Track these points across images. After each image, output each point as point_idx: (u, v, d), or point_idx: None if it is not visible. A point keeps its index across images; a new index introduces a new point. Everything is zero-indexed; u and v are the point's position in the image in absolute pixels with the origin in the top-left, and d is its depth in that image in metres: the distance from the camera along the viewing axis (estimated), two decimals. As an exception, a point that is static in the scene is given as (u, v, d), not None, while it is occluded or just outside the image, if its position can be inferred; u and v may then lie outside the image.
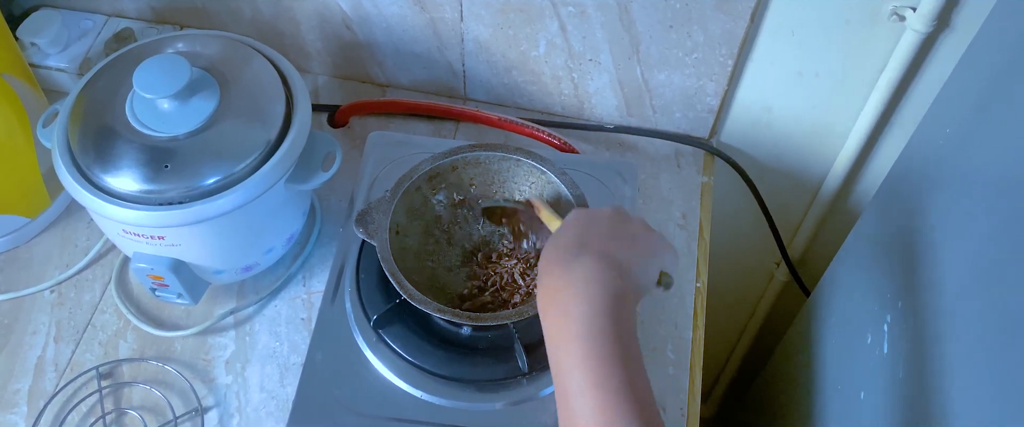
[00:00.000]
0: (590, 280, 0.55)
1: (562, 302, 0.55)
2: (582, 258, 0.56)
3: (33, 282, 0.88)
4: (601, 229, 0.60)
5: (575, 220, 0.62)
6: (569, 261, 0.56)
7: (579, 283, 0.55)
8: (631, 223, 0.62)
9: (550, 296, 0.56)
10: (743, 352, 1.38)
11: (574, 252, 0.57)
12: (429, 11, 0.92)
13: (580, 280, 0.55)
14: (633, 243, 0.59)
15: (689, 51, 0.89)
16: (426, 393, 0.73)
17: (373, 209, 0.76)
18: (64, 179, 0.73)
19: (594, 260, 0.56)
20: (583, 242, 0.58)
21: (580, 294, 0.54)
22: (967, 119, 0.70)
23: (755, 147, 1.03)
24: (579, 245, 0.58)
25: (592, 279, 0.55)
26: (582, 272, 0.55)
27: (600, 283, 0.54)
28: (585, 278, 0.55)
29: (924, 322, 0.68)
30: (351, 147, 0.98)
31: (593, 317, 0.53)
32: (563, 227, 0.62)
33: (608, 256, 0.56)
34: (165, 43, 0.80)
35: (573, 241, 0.59)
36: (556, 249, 0.59)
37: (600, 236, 0.59)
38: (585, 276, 0.55)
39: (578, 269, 0.56)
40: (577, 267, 0.56)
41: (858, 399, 0.80)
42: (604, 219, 0.61)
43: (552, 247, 0.60)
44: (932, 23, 0.81)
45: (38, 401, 0.80)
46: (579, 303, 0.54)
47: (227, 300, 0.86)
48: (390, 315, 0.75)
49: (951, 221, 0.68)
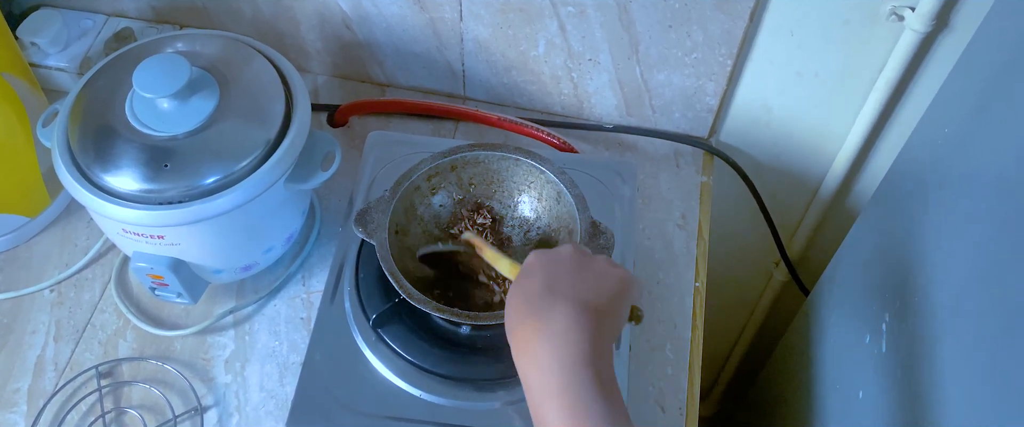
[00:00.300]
0: (565, 328, 0.53)
1: (539, 355, 0.52)
2: (554, 305, 0.54)
3: (33, 281, 0.88)
4: (566, 271, 0.58)
5: (537, 263, 0.59)
6: (541, 312, 0.54)
7: (554, 332, 0.53)
8: (594, 260, 0.59)
9: (524, 348, 0.54)
10: (742, 351, 1.38)
11: (545, 301, 0.55)
12: (429, 11, 0.92)
13: (555, 329, 0.53)
14: (600, 283, 0.57)
15: (688, 51, 0.89)
16: (425, 392, 0.73)
17: (372, 209, 0.76)
18: (64, 178, 0.73)
19: (569, 308, 0.54)
20: (552, 288, 0.56)
21: (557, 346, 0.52)
22: (966, 119, 0.70)
23: (754, 147, 1.03)
24: (548, 292, 0.55)
25: (567, 327, 0.53)
26: (556, 320, 0.53)
27: (575, 331, 0.52)
28: (560, 327, 0.53)
29: (923, 322, 0.68)
30: (351, 147, 0.98)
31: (572, 368, 0.51)
32: (526, 271, 0.59)
33: (581, 301, 0.54)
34: (165, 43, 0.80)
35: (540, 286, 0.56)
36: (524, 299, 0.57)
37: (567, 279, 0.57)
38: (560, 325, 0.53)
39: (551, 317, 0.53)
40: (550, 315, 0.54)
41: (857, 398, 0.80)
42: (566, 260, 0.59)
43: (518, 295, 0.57)
44: (931, 23, 0.81)
45: (38, 400, 0.80)
46: (556, 353, 0.52)
47: (226, 299, 0.86)
48: (389, 314, 0.75)
49: (950, 221, 0.68)
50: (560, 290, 0.55)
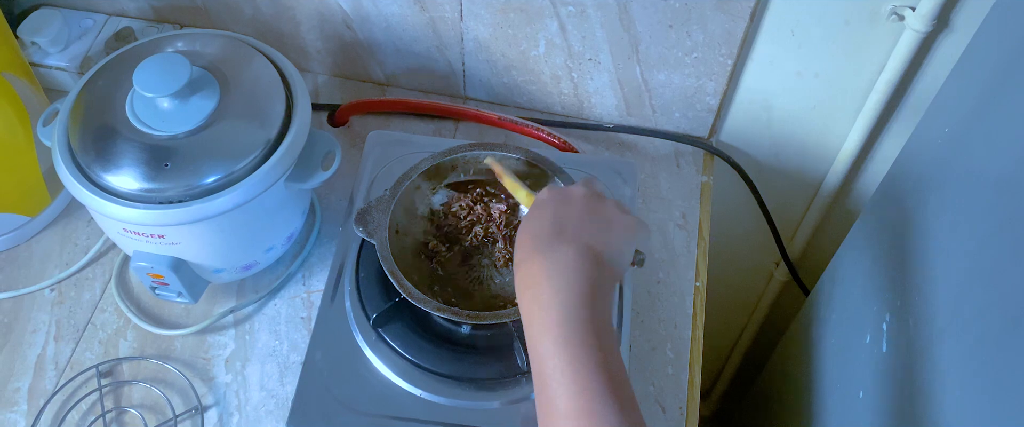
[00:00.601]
0: (568, 270, 0.55)
1: (540, 290, 0.55)
2: (560, 246, 0.56)
3: (33, 281, 0.88)
4: (576, 212, 0.59)
5: (550, 200, 0.61)
6: (546, 249, 0.57)
7: (557, 273, 0.55)
8: (605, 205, 0.61)
9: (527, 283, 0.56)
10: (743, 351, 1.39)
11: (551, 240, 0.57)
12: (429, 10, 0.92)
13: (558, 270, 0.55)
14: (609, 227, 0.59)
15: (688, 51, 0.89)
16: (425, 391, 0.73)
17: (373, 208, 0.76)
18: (64, 178, 0.73)
19: (572, 250, 0.56)
20: (560, 228, 0.58)
21: (558, 284, 0.54)
22: (966, 119, 0.70)
23: (754, 147, 1.03)
24: (556, 231, 0.58)
25: (570, 269, 0.55)
26: (560, 262, 0.55)
27: (578, 272, 0.55)
28: (563, 268, 0.55)
29: (923, 321, 0.68)
30: (351, 146, 0.98)
31: (571, 306, 0.53)
32: (537, 208, 0.62)
33: (585, 244, 0.57)
34: (165, 42, 0.80)
35: (549, 226, 0.58)
36: (532, 235, 0.59)
37: (576, 220, 0.59)
38: (563, 266, 0.55)
39: (556, 258, 0.56)
40: (555, 256, 0.56)
41: (857, 398, 0.80)
42: (578, 200, 0.61)
43: (527, 232, 0.60)
44: (931, 23, 0.81)
45: (38, 399, 0.80)
46: (557, 292, 0.54)
47: (227, 299, 0.86)
48: (389, 314, 0.75)
49: (950, 221, 0.68)
50: (568, 231, 0.58)
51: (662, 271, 0.89)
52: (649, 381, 0.82)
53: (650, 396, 0.81)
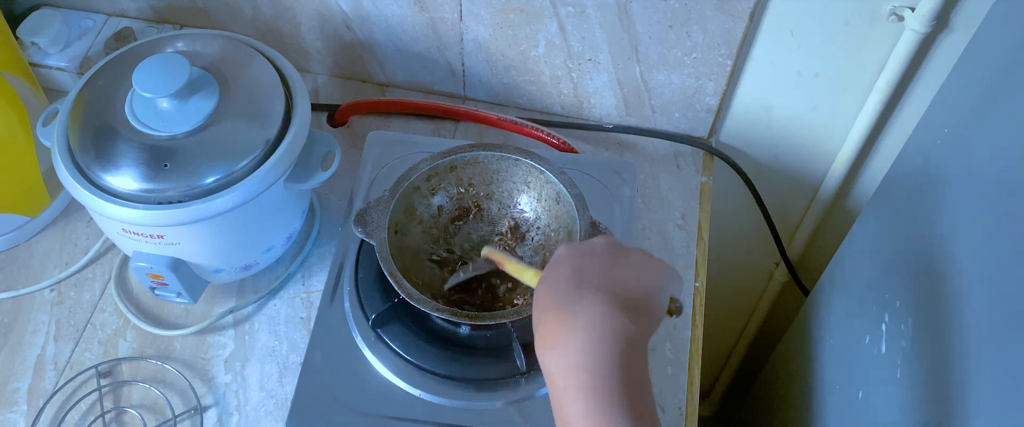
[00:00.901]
0: (595, 324, 0.48)
1: (564, 349, 0.48)
2: (584, 298, 0.49)
3: (33, 281, 0.88)
4: (598, 262, 0.52)
5: (568, 254, 0.54)
6: (569, 304, 0.49)
7: (583, 329, 0.48)
8: (630, 252, 0.54)
9: (548, 343, 0.49)
10: (743, 351, 1.39)
11: (574, 292, 0.50)
12: (429, 11, 0.92)
13: (584, 325, 0.48)
14: (635, 275, 0.52)
15: (688, 51, 0.89)
16: (425, 392, 0.73)
17: (372, 208, 0.76)
18: (64, 178, 0.73)
19: (599, 300, 0.49)
20: (583, 278, 0.51)
21: (585, 341, 0.47)
22: (965, 119, 0.70)
23: (754, 147, 1.03)
24: (579, 283, 0.50)
25: (598, 323, 0.48)
26: (586, 315, 0.48)
27: (608, 327, 0.47)
28: (590, 322, 0.48)
29: (922, 322, 0.68)
30: (351, 146, 0.98)
31: (602, 367, 0.46)
32: (555, 263, 0.54)
33: (614, 293, 0.49)
34: (165, 42, 0.80)
35: (571, 278, 0.51)
36: (552, 290, 0.52)
37: (598, 270, 0.52)
38: (590, 320, 0.48)
39: (581, 312, 0.48)
40: (580, 310, 0.49)
41: (856, 398, 0.80)
42: (599, 251, 0.54)
43: (546, 288, 0.52)
44: (931, 23, 0.81)
45: (38, 399, 0.80)
46: (584, 351, 0.47)
47: (226, 299, 0.86)
48: (389, 314, 0.75)
49: (949, 221, 0.68)
50: (590, 281, 0.50)
51: (662, 271, 0.89)
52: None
53: (649, 396, 0.81)
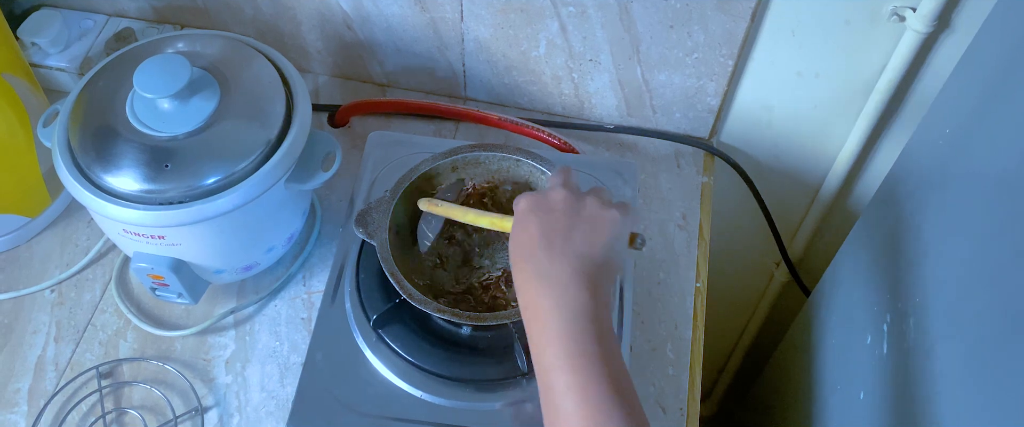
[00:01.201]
0: (565, 284, 0.56)
1: (540, 306, 0.56)
2: (553, 263, 0.57)
3: (33, 281, 0.88)
4: (559, 221, 0.59)
5: (531, 212, 0.61)
6: (540, 267, 0.57)
7: (554, 288, 0.56)
8: (585, 204, 0.61)
9: (526, 303, 0.57)
10: (743, 352, 1.38)
11: (543, 256, 0.58)
12: (429, 11, 0.92)
13: (554, 287, 0.56)
14: (595, 229, 0.59)
15: (689, 51, 0.89)
16: (426, 393, 0.73)
17: (373, 209, 0.76)
18: (64, 178, 0.73)
19: (566, 263, 0.57)
20: (549, 242, 0.58)
21: (557, 299, 0.55)
22: (967, 119, 0.70)
23: (755, 147, 1.03)
24: (545, 246, 0.58)
25: (566, 282, 0.56)
26: (555, 279, 0.56)
27: (575, 285, 0.56)
28: (560, 284, 0.56)
29: (924, 323, 0.68)
30: (351, 147, 0.98)
31: (573, 319, 0.55)
32: (520, 222, 0.61)
33: (577, 254, 0.57)
34: (165, 43, 0.80)
35: (537, 241, 0.59)
36: (522, 253, 0.59)
37: (561, 231, 0.59)
38: (559, 282, 0.56)
39: (551, 274, 0.57)
40: (549, 273, 0.57)
41: (858, 399, 0.80)
42: (558, 207, 0.61)
43: (517, 250, 0.60)
44: (932, 23, 0.81)
45: (38, 400, 0.80)
46: (557, 307, 0.55)
47: (227, 300, 0.86)
48: (390, 315, 0.75)
49: (951, 221, 0.68)
50: (557, 245, 0.58)
51: (663, 272, 0.89)
52: (650, 382, 0.82)
53: (651, 397, 0.81)
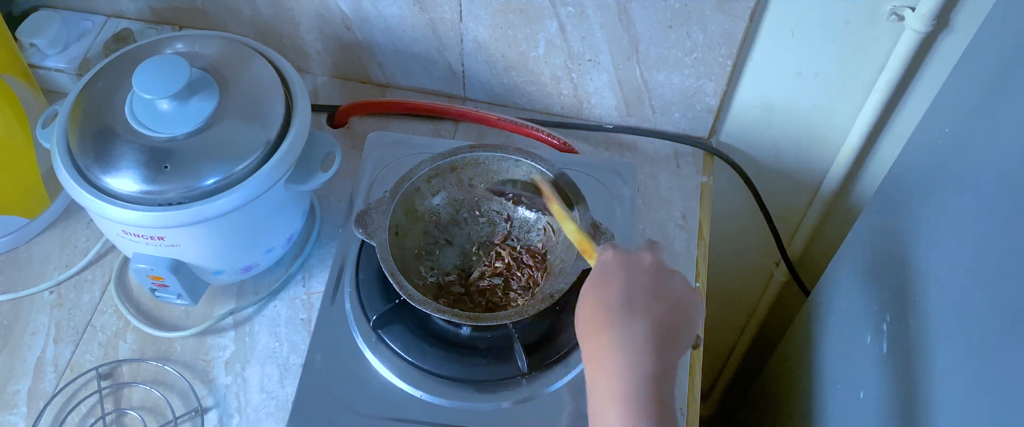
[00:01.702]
0: (639, 345, 0.55)
1: (608, 362, 0.55)
2: (633, 322, 0.56)
3: (33, 283, 0.88)
4: (645, 284, 0.58)
5: (617, 266, 0.60)
6: (619, 325, 0.56)
7: (628, 347, 0.55)
8: (672, 279, 0.60)
9: (595, 355, 0.56)
10: (743, 351, 1.38)
11: (624, 313, 0.57)
12: (428, 11, 0.92)
13: (629, 344, 0.55)
14: (677, 306, 0.58)
15: (688, 51, 0.89)
16: (426, 393, 0.73)
17: (372, 210, 0.76)
18: (63, 180, 0.73)
19: (646, 328, 0.55)
20: (631, 300, 0.57)
21: (631, 358, 0.54)
22: (966, 119, 0.70)
23: (754, 147, 1.03)
24: (627, 305, 0.57)
25: (641, 344, 0.55)
26: (632, 336, 0.55)
27: (649, 348, 0.55)
28: (636, 345, 0.55)
29: (924, 322, 0.68)
30: (351, 147, 0.98)
31: (640, 382, 0.53)
32: (603, 273, 0.60)
33: (658, 322, 0.56)
34: (164, 44, 0.80)
35: (619, 298, 0.57)
36: (602, 306, 0.58)
37: (646, 293, 0.58)
38: (636, 343, 0.55)
39: (628, 332, 0.55)
40: (627, 329, 0.56)
41: (858, 399, 0.80)
42: (646, 270, 0.59)
43: (594, 299, 0.59)
44: (931, 23, 0.81)
45: (38, 402, 0.80)
46: (627, 366, 0.54)
47: (227, 300, 0.86)
48: (389, 315, 0.75)
49: (950, 221, 0.68)
50: (639, 305, 0.57)
51: (662, 272, 0.89)
52: (650, 382, 0.82)
53: (651, 397, 0.81)
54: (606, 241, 0.65)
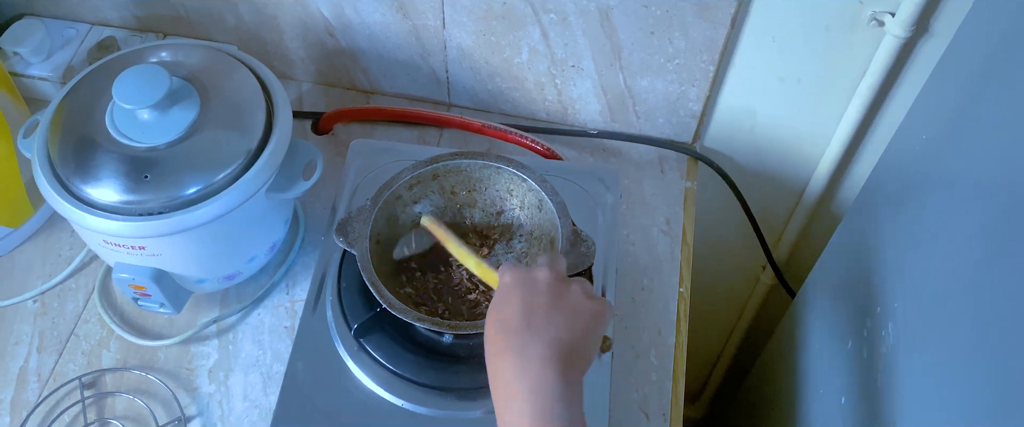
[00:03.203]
0: (541, 370, 0.55)
1: (511, 389, 0.55)
2: (530, 345, 0.56)
3: (16, 292, 0.87)
4: (542, 303, 0.59)
5: (515, 286, 0.60)
6: (517, 348, 0.56)
7: (531, 371, 0.55)
8: (570, 291, 0.60)
9: (498, 380, 0.57)
10: (731, 353, 1.39)
11: (520, 335, 0.57)
12: (411, 18, 0.92)
13: (529, 368, 0.55)
14: (575, 318, 0.59)
15: (670, 57, 0.89)
16: (407, 402, 0.73)
17: (354, 218, 0.76)
18: (44, 190, 0.73)
19: (542, 348, 0.56)
20: (528, 322, 0.57)
21: (533, 382, 0.54)
22: (944, 124, 0.70)
23: (738, 152, 1.03)
24: (524, 325, 0.57)
25: (543, 369, 0.55)
26: (531, 359, 0.55)
27: (553, 373, 0.55)
28: (536, 367, 0.55)
29: (902, 328, 0.68)
30: (335, 154, 0.98)
31: (547, 404, 0.54)
32: (503, 294, 0.61)
33: (556, 340, 0.56)
34: (147, 53, 0.80)
35: (517, 319, 0.58)
36: (501, 328, 0.58)
37: (543, 313, 0.58)
38: (534, 363, 0.55)
39: (527, 355, 0.56)
40: (526, 353, 0.56)
41: (839, 404, 0.80)
42: (543, 288, 0.60)
43: (495, 321, 0.59)
44: (911, 28, 0.81)
45: (21, 411, 0.80)
46: (532, 389, 0.54)
47: (210, 309, 0.86)
48: (371, 324, 0.75)
49: (928, 227, 0.68)
50: (536, 325, 0.57)
51: (646, 277, 0.90)
52: (633, 388, 0.82)
53: (634, 403, 0.81)
54: (505, 263, 0.64)
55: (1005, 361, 0.52)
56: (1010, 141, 0.58)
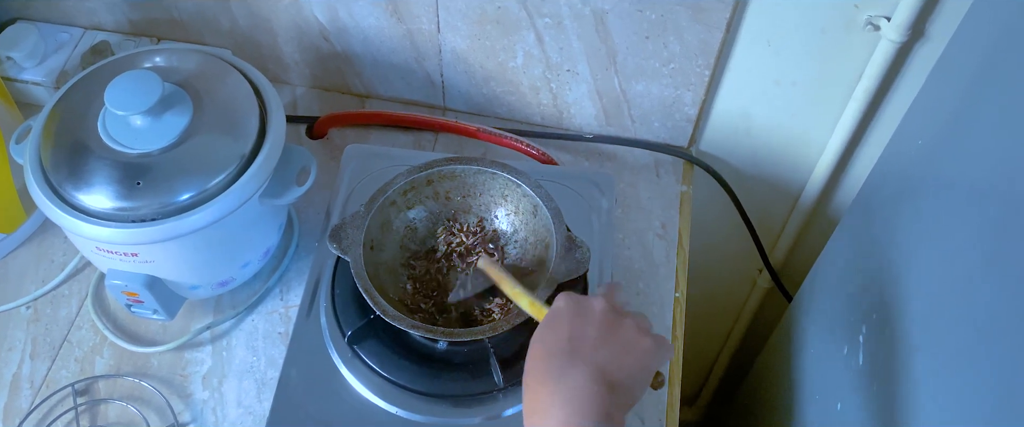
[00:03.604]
0: (578, 397, 0.52)
1: (552, 416, 0.53)
2: (573, 370, 0.54)
3: (9, 298, 0.87)
4: (592, 330, 0.56)
5: (566, 312, 0.58)
6: (559, 371, 0.54)
7: (567, 400, 0.53)
8: (623, 326, 0.58)
9: (534, 408, 0.54)
10: (728, 357, 1.39)
11: (566, 362, 0.54)
12: (406, 22, 0.92)
13: (568, 397, 0.53)
14: (626, 352, 0.56)
15: (666, 61, 0.89)
16: (401, 409, 0.73)
17: (347, 224, 0.76)
18: (36, 196, 0.73)
19: (586, 376, 0.53)
20: (576, 348, 0.55)
21: (569, 410, 0.52)
22: (940, 128, 0.70)
23: (734, 155, 1.03)
24: (570, 351, 0.55)
25: (581, 396, 0.52)
26: (572, 387, 0.53)
27: (590, 402, 0.52)
28: (575, 396, 0.53)
29: (898, 334, 0.68)
30: (330, 159, 0.98)
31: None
32: (552, 319, 0.59)
33: (600, 370, 0.54)
34: (140, 58, 0.79)
35: (563, 344, 0.56)
36: (545, 352, 0.56)
37: (591, 340, 0.56)
38: (575, 393, 0.53)
39: (568, 382, 0.53)
40: (567, 379, 0.53)
41: (835, 410, 0.80)
42: (596, 316, 0.57)
43: (540, 347, 0.57)
44: (907, 32, 0.81)
45: (13, 418, 0.79)
46: (567, 420, 0.52)
47: (204, 315, 0.86)
48: (365, 330, 0.75)
49: (924, 231, 0.68)
50: (582, 352, 0.55)
51: (642, 282, 0.89)
52: (628, 394, 0.82)
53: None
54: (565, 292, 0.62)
55: (1003, 366, 0.52)
56: (1007, 145, 0.57)
